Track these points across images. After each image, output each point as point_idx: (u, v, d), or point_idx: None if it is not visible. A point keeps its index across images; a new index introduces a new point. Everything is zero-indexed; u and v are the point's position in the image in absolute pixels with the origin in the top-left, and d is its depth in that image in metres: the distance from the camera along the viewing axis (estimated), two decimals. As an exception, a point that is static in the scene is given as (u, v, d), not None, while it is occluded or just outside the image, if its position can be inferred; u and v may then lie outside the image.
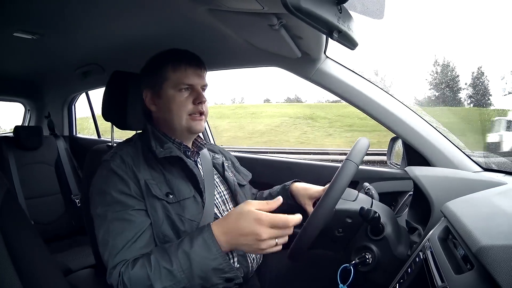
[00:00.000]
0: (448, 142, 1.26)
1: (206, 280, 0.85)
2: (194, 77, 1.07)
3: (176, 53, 1.10)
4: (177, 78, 1.06)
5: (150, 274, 0.83)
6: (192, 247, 0.85)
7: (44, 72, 2.33)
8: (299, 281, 1.22)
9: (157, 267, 0.84)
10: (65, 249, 2.08)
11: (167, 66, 1.07)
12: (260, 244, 0.82)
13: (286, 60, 1.36)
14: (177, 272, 0.83)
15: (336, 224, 1.00)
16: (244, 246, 0.85)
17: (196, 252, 0.84)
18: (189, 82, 1.07)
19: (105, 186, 0.97)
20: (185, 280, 0.83)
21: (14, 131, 2.29)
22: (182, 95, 1.07)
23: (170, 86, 1.06)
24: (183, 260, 0.84)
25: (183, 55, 1.09)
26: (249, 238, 0.83)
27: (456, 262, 0.64)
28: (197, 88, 1.08)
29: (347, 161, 0.92)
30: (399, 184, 1.39)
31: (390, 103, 1.29)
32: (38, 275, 0.83)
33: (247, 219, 0.83)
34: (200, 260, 0.83)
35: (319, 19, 0.70)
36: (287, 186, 1.28)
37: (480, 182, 0.98)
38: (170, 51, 1.11)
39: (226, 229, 0.86)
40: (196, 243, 0.85)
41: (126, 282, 0.85)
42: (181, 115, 1.07)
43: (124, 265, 0.88)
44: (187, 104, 1.07)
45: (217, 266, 0.84)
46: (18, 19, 1.31)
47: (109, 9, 1.19)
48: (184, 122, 1.07)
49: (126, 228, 0.93)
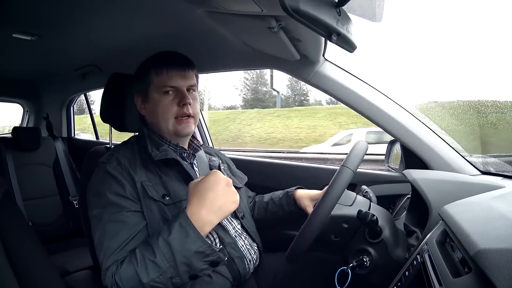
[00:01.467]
0: (446, 145, 1.26)
1: (190, 266, 0.84)
2: (178, 78, 1.07)
3: (159, 57, 1.09)
4: (159, 82, 1.06)
5: (137, 268, 0.83)
6: (171, 234, 0.84)
7: (42, 73, 2.33)
8: (296, 284, 1.22)
9: (142, 260, 0.83)
10: (62, 250, 2.07)
11: (150, 70, 1.07)
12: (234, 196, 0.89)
13: (285, 63, 1.36)
14: (161, 262, 0.82)
15: (332, 230, 1.00)
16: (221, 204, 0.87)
17: (175, 239, 0.83)
18: (172, 84, 1.06)
19: (101, 188, 0.97)
20: (171, 269, 0.82)
21: (13, 132, 2.28)
22: (167, 98, 1.06)
23: (155, 90, 1.07)
24: (165, 249, 0.83)
25: (165, 58, 1.09)
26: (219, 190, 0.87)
27: (453, 266, 0.64)
28: (182, 89, 1.07)
29: (343, 168, 0.92)
30: (397, 187, 1.39)
31: (388, 106, 1.29)
32: (35, 276, 0.83)
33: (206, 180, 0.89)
34: (179, 246, 0.82)
35: (318, 21, 0.70)
36: (290, 193, 1.28)
37: (478, 186, 0.98)
38: (155, 55, 1.11)
39: (197, 203, 0.87)
40: (174, 229, 0.84)
41: (118, 282, 0.84)
42: (167, 119, 1.07)
43: (116, 265, 0.87)
44: (172, 107, 1.06)
45: (198, 249, 0.83)
46: (17, 20, 1.31)
47: (108, 11, 1.19)
48: (171, 126, 1.07)
49: (121, 230, 0.92)
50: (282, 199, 1.30)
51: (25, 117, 2.93)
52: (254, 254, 1.15)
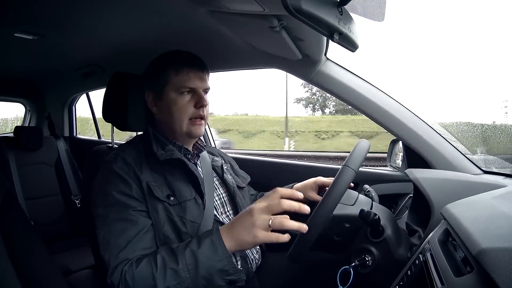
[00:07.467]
0: (448, 144, 1.26)
1: (210, 282, 0.85)
2: (196, 80, 1.07)
3: (179, 56, 1.09)
4: (179, 81, 1.06)
5: (156, 274, 0.84)
6: (200, 247, 0.85)
7: (45, 72, 2.34)
8: (298, 283, 1.22)
9: (162, 267, 0.85)
10: (64, 250, 2.08)
11: (169, 69, 1.07)
12: (252, 219, 0.83)
13: (287, 62, 1.36)
14: (182, 272, 0.83)
15: (334, 229, 1.00)
16: (241, 232, 0.85)
17: (203, 253, 0.85)
18: (191, 85, 1.06)
19: (107, 187, 0.98)
20: (189, 280, 0.83)
21: (15, 131, 2.29)
22: (183, 99, 1.07)
23: (172, 89, 1.06)
24: (190, 260, 0.84)
25: (185, 58, 1.09)
26: (245, 220, 0.85)
27: (456, 265, 0.63)
28: (199, 91, 1.08)
29: (345, 168, 0.92)
30: (399, 186, 1.39)
31: (390, 105, 1.29)
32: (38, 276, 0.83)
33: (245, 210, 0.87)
34: (206, 261, 0.84)
35: (320, 21, 0.70)
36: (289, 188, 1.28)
37: (480, 185, 0.98)
38: (173, 53, 1.11)
39: (231, 229, 0.87)
40: (204, 244, 0.86)
41: (128, 281, 0.85)
42: (182, 119, 1.07)
43: (127, 264, 0.88)
44: (188, 107, 1.07)
45: (222, 268, 0.85)
46: (19, 20, 1.31)
47: (110, 10, 1.19)
48: (185, 127, 1.08)
49: (128, 228, 0.93)
50: None
51: (27, 117, 2.94)
52: (256, 253, 1.15)
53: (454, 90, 11.40)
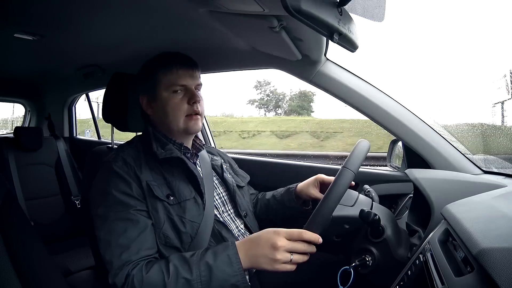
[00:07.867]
0: (448, 144, 1.26)
1: None
2: (187, 77, 1.09)
3: (166, 56, 1.11)
4: (169, 80, 1.07)
5: (167, 281, 0.84)
6: (216, 261, 0.86)
7: (44, 73, 2.34)
8: (298, 283, 1.22)
9: (175, 275, 0.85)
10: (64, 250, 2.07)
11: (158, 70, 1.08)
12: (276, 254, 0.85)
13: (287, 62, 1.36)
14: (195, 283, 0.84)
15: (334, 231, 1.00)
16: (261, 258, 0.87)
17: (218, 267, 0.86)
18: (181, 83, 1.08)
19: (107, 187, 0.98)
20: None
21: (14, 132, 2.29)
22: (176, 97, 1.08)
23: (164, 89, 1.08)
24: (204, 272, 0.85)
25: (174, 57, 1.10)
26: (266, 247, 0.86)
27: (456, 265, 0.63)
28: (191, 88, 1.09)
29: (344, 169, 0.92)
30: (399, 187, 1.38)
31: (390, 105, 1.28)
32: (37, 276, 0.83)
33: (267, 233, 0.89)
34: (220, 275, 0.85)
35: (320, 21, 0.70)
36: (292, 189, 1.29)
37: (480, 185, 0.98)
38: (160, 55, 1.12)
39: (248, 245, 0.89)
40: (220, 258, 0.87)
41: (136, 285, 0.85)
42: (177, 117, 1.08)
43: (135, 267, 0.88)
44: (182, 105, 1.08)
45: (235, 283, 0.86)
46: (19, 20, 1.31)
47: (110, 11, 1.20)
48: (181, 124, 1.08)
49: (129, 228, 0.93)
50: (283, 195, 1.31)
51: (27, 117, 2.94)
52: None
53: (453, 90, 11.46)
